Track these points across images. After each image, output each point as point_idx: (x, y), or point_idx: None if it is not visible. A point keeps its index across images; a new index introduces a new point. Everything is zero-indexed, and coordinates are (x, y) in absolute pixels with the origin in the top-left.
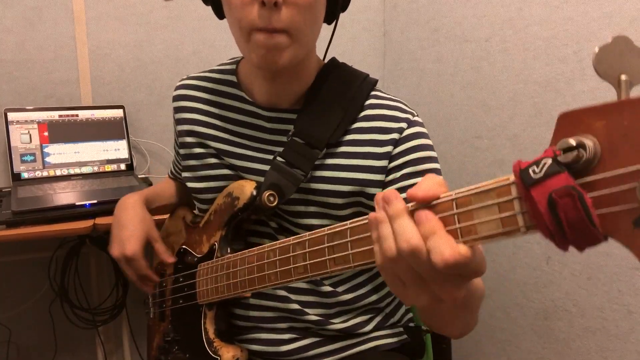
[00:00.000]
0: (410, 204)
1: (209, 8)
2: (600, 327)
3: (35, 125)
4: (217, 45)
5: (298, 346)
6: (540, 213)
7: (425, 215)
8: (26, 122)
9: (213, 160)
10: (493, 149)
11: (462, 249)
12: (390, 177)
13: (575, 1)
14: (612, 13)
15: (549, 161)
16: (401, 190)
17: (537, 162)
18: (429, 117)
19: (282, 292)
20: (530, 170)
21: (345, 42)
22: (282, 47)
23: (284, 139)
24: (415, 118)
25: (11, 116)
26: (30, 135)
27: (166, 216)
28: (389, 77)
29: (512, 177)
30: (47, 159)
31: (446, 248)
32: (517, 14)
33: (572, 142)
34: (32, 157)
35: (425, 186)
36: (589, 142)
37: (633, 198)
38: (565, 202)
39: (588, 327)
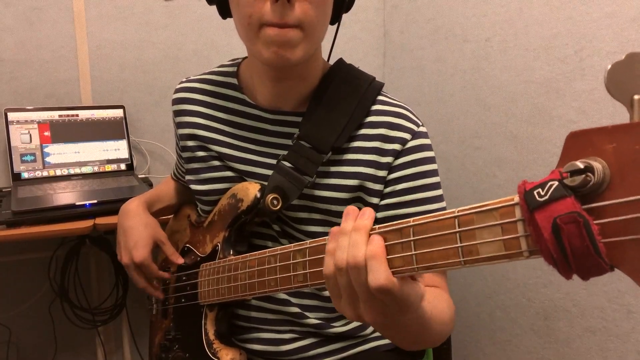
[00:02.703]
0: (380, 227)
1: (209, 8)
2: (600, 327)
3: (35, 125)
4: (218, 45)
5: (299, 346)
6: (544, 239)
7: (378, 239)
8: (26, 122)
9: (216, 163)
10: (493, 148)
11: (394, 279)
12: (389, 189)
13: (576, 1)
14: (613, 13)
15: (555, 184)
16: (397, 205)
17: (542, 184)
18: (429, 117)
19: (283, 295)
20: (535, 193)
21: (345, 42)
22: (295, 42)
23: (288, 142)
24: (420, 129)
25: (11, 116)
26: (30, 135)
27: (169, 217)
28: (389, 77)
29: (516, 198)
30: (47, 159)
31: (384, 272)
32: (517, 14)
33: (580, 165)
34: (32, 157)
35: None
36: (597, 165)
37: None
38: (570, 229)
39: (588, 327)
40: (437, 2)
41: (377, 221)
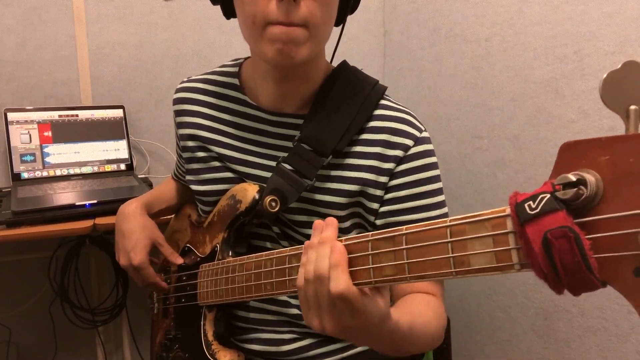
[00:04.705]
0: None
1: (209, 9)
2: (600, 327)
3: (35, 125)
4: (217, 45)
5: (299, 346)
6: (534, 253)
7: (339, 248)
8: (26, 122)
9: (216, 164)
10: (493, 148)
11: (354, 288)
12: (389, 195)
13: (576, 1)
14: (612, 13)
15: (547, 197)
16: (398, 212)
17: (534, 197)
18: (429, 117)
19: (283, 297)
20: (526, 205)
21: (346, 43)
22: (300, 41)
23: (289, 144)
24: (423, 134)
25: (11, 116)
26: (30, 135)
27: (170, 218)
28: (389, 77)
29: (508, 209)
30: (47, 159)
31: (344, 281)
32: (517, 14)
33: (572, 177)
34: (32, 157)
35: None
36: (590, 178)
37: (635, 244)
38: (561, 244)
39: (588, 327)
40: (437, 2)
41: (376, 227)
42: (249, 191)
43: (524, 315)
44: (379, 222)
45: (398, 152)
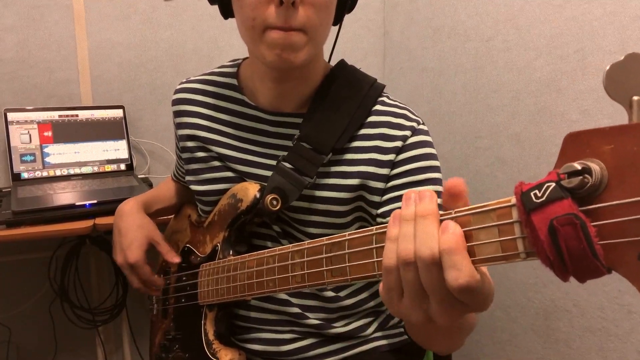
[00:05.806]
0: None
1: (210, 7)
2: (600, 327)
3: (35, 125)
4: (218, 45)
5: (299, 346)
6: (540, 240)
7: (453, 227)
8: (26, 122)
9: (216, 163)
10: (494, 148)
11: (478, 275)
12: (390, 184)
13: (577, 0)
14: (614, 12)
15: (552, 185)
16: (398, 198)
17: (539, 186)
18: (430, 117)
19: (283, 296)
20: (532, 194)
21: (346, 42)
22: (299, 46)
23: (289, 143)
24: (421, 126)
25: (11, 116)
26: (30, 136)
27: (169, 218)
28: (389, 77)
29: (513, 199)
30: (47, 159)
31: (467, 269)
32: (519, 13)
33: (577, 166)
34: (32, 157)
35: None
36: (595, 167)
37: (639, 230)
38: (567, 231)
39: (588, 327)
40: (438, 1)
41: (377, 216)
42: (250, 190)
43: (524, 315)
44: (378, 211)
45: (397, 143)
